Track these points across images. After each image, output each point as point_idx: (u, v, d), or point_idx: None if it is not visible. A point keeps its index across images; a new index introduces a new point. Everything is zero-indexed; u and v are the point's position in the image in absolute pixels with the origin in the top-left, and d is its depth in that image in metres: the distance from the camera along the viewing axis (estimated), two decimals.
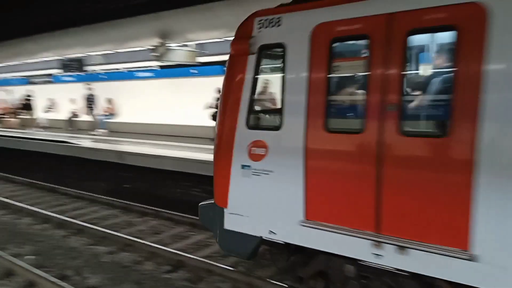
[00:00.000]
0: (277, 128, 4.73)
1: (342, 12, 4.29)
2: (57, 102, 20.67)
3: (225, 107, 5.17)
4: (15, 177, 13.61)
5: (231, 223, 5.18)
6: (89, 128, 17.88)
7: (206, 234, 7.90)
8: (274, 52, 4.94)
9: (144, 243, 7.40)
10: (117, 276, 6.38)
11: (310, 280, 5.08)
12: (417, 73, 4.59)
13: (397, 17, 3.97)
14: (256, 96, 5.04)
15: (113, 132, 17.51)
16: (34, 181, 12.94)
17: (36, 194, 11.82)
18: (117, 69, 19.61)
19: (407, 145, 3.95)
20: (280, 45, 4.73)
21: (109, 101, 18.43)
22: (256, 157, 4.89)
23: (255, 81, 4.96)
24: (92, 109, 17.50)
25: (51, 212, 9.48)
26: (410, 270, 4.06)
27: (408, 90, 4.24)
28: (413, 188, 3.91)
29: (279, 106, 4.80)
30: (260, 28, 4.88)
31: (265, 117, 5.12)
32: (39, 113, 20.98)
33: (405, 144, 3.95)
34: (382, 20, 4.04)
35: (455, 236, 3.71)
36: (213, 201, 5.38)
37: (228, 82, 5.18)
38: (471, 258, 3.61)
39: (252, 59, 4.94)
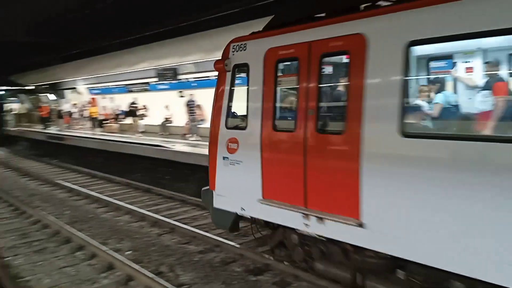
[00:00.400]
0: (244, 128, 6.19)
1: (283, 40, 5.70)
2: (151, 108, 22.00)
3: (214, 112, 6.71)
4: (115, 177, 14.71)
5: (217, 202, 6.66)
6: (183, 132, 18.72)
7: None
8: (242, 69, 6.33)
9: (232, 245, 7.54)
10: (207, 275, 6.57)
11: (275, 249, 6.60)
12: (327, 86, 5.72)
13: (314, 44, 5.28)
14: (232, 104, 6.44)
15: (203, 137, 18.19)
16: (131, 181, 13.88)
17: (134, 193, 12.66)
18: (207, 77, 20.36)
19: (321, 140, 5.22)
20: (245, 65, 6.21)
21: (199, 107, 19.15)
22: (231, 151, 6.33)
23: (231, 92, 6.44)
24: (193, 115, 18.22)
25: (147, 211, 10.07)
26: (326, 236, 5.32)
27: (322, 99, 5.44)
28: (324, 173, 5.16)
29: (245, 111, 6.21)
30: (234, 51, 6.40)
31: (238, 120, 6.46)
32: (137, 119, 22.48)
33: (319, 139, 5.23)
34: (305, 46, 5.37)
35: (351, 209, 4.83)
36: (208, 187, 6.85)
37: (216, 93, 6.70)
38: (361, 225, 4.74)
39: (229, 75, 6.42)
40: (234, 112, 6.53)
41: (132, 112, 21.34)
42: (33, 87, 30.42)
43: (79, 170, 16.85)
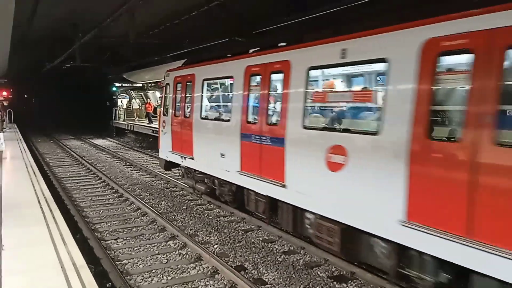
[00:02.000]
0: (166, 115, 12.21)
1: (182, 72, 11.49)
2: None
3: (161, 108, 13.20)
4: None
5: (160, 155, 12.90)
6: None
7: None
8: (167, 87, 12.22)
9: (316, 248, 7.38)
10: (289, 276, 6.52)
11: (184, 176, 11.86)
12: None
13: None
14: (167, 103, 12.48)
15: None
16: None
17: None
18: None
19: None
20: (168, 84, 12.11)
21: None
22: (164, 127, 12.30)
23: (165, 97, 12.60)
24: None
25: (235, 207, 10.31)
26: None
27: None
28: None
29: (169, 108, 12.10)
30: (166, 76, 12.47)
31: (168, 111, 12.22)
32: None
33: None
34: (192, 75, 10.51)
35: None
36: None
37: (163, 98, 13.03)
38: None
39: (165, 88, 12.57)
40: (167, 106, 12.41)
41: None
42: (141, 85, 33.01)
43: None
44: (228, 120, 8.96)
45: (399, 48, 5.26)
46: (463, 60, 4.78)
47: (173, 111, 11.59)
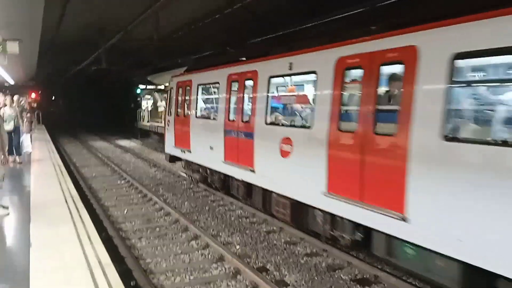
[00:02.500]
0: (170, 115, 14.27)
1: (182, 78, 13.52)
2: None
3: (169, 109, 14.60)
4: None
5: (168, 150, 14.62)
6: None
7: None
8: (171, 90, 14.25)
9: (340, 250, 7.33)
10: (311, 279, 6.48)
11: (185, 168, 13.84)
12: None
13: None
14: (170, 105, 14.39)
15: None
16: None
17: None
18: None
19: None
20: (172, 88, 14.26)
21: None
22: (168, 125, 14.54)
23: (170, 99, 14.49)
24: None
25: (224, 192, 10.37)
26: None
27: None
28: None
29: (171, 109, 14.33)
30: (170, 82, 14.89)
31: (171, 112, 14.13)
32: None
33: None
34: (190, 81, 12.64)
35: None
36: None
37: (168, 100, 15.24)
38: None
39: (169, 92, 14.82)
40: (171, 107, 14.40)
41: None
42: (165, 87, 33.48)
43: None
44: (215, 119, 10.91)
45: (323, 63, 6.90)
46: (358, 73, 6.40)
47: (176, 111, 13.62)
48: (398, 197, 5.32)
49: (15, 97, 14.76)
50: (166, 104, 15.53)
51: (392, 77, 5.97)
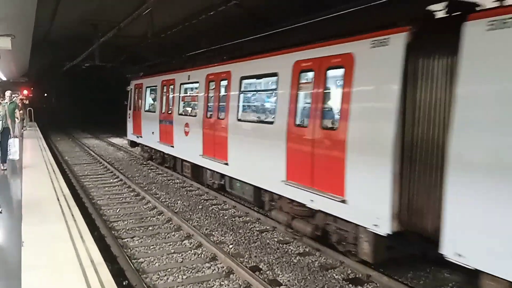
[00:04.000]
0: (130, 110, 18.80)
1: (137, 81, 17.84)
2: None
3: (129, 105, 19.15)
4: None
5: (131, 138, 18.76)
6: None
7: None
8: (131, 90, 18.58)
9: (333, 250, 7.35)
10: (304, 278, 6.50)
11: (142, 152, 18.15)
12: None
13: (143, 83, 17.01)
14: (130, 102, 18.77)
15: None
16: None
17: None
18: None
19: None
20: (131, 89, 18.52)
21: None
22: (128, 116, 19.12)
23: (130, 97, 18.79)
24: None
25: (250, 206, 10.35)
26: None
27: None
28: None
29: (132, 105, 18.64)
30: (130, 83, 18.88)
31: (131, 107, 18.68)
32: None
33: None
34: (141, 84, 17.04)
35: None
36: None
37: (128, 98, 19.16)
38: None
39: (130, 91, 18.79)
40: (130, 105, 18.63)
41: None
42: None
43: None
44: (154, 112, 15.20)
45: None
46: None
47: (134, 106, 18.07)
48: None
49: (7, 93, 14.01)
50: (129, 100, 19.11)
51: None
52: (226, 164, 9.80)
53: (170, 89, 13.55)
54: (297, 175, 7.37)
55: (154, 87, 15.39)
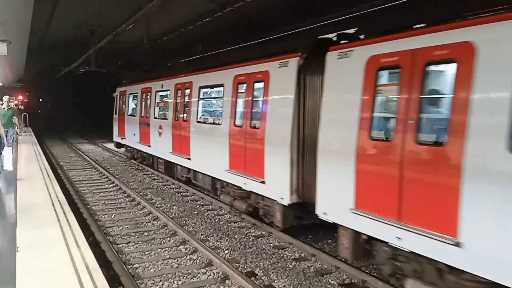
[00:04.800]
0: (116, 114, 21.02)
1: (122, 88, 20.02)
2: None
3: (115, 110, 21.30)
4: None
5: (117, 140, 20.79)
6: None
7: None
8: (117, 96, 20.79)
9: (328, 255, 7.36)
10: (300, 283, 6.50)
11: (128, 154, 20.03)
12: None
13: (126, 90, 19.44)
14: (116, 108, 20.93)
15: None
16: None
17: None
18: None
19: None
20: (117, 95, 20.70)
21: None
22: (114, 120, 21.25)
23: (115, 103, 20.96)
24: None
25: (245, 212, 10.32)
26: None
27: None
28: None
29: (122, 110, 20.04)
30: (116, 90, 20.90)
31: (116, 112, 20.85)
32: None
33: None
34: (125, 90, 19.58)
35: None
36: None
37: (115, 103, 21.38)
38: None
39: (116, 97, 21.00)
40: (116, 110, 20.97)
41: None
42: None
43: None
44: (135, 116, 17.26)
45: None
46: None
47: (118, 111, 20.21)
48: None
49: (5, 98, 13.76)
50: (114, 106, 21.15)
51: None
52: (189, 159, 11.90)
53: (148, 96, 15.83)
54: (236, 165, 9.45)
55: (136, 94, 17.62)
